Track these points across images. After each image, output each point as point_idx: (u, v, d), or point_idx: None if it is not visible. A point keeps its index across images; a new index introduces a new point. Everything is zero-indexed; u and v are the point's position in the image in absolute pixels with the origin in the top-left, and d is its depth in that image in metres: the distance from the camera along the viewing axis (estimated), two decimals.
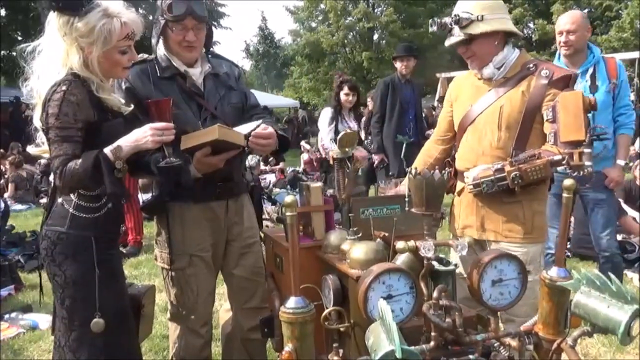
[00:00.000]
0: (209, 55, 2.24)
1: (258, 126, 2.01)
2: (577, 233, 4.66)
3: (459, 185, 2.28)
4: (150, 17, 2.08)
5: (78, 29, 1.74)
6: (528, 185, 2.03)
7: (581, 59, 3.22)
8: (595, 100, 2.05)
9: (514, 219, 2.12)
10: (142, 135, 1.77)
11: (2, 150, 9.09)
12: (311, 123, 17.48)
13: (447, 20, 2.16)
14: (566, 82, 2.09)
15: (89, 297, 1.78)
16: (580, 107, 1.98)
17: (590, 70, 3.18)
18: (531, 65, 2.14)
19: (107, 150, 1.74)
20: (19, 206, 7.86)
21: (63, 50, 1.78)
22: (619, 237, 4.51)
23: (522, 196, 2.08)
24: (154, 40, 2.08)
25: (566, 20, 3.22)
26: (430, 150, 2.41)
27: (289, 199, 1.35)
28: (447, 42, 2.21)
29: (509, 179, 1.98)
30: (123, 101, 1.92)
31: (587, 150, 1.97)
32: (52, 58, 1.78)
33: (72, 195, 1.80)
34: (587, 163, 1.98)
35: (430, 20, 2.24)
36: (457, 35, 2.15)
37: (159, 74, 2.08)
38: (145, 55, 2.09)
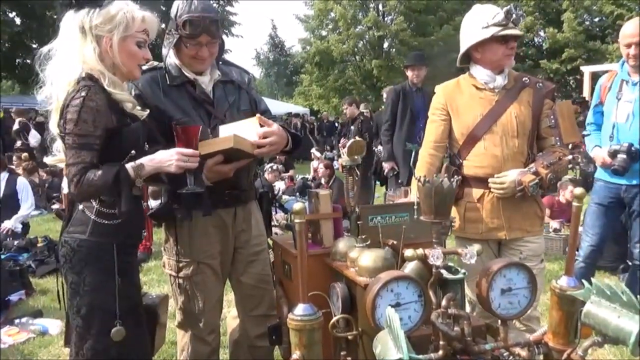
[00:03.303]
0: (219, 62, 2.25)
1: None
2: None
3: (476, 192, 2.33)
4: (163, 26, 2.08)
5: (98, 17, 1.74)
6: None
7: None
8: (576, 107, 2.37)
9: (533, 215, 2.35)
10: (168, 158, 1.77)
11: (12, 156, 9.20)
12: (322, 131, 17.52)
13: (514, 11, 2.24)
14: (553, 94, 2.41)
15: (107, 305, 1.77)
16: (573, 114, 2.34)
17: None
18: (525, 79, 2.36)
19: (129, 166, 1.73)
20: (31, 211, 7.92)
21: (78, 46, 1.77)
22: None
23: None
24: (164, 50, 2.10)
25: (633, 32, 3.10)
26: (431, 158, 2.41)
27: (297, 206, 1.36)
28: (508, 32, 2.24)
29: (545, 179, 2.18)
30: (136, 102, 1.92)
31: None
32: (66, 58, 1.77)
33: (93, 202, 1.78)
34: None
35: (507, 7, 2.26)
36: (512, 28, 2.25)
37: (168, 82, 2.09)
38: (155, 63, 2.11)
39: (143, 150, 1.83)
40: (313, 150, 12.48)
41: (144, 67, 2.03)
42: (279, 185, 9.67)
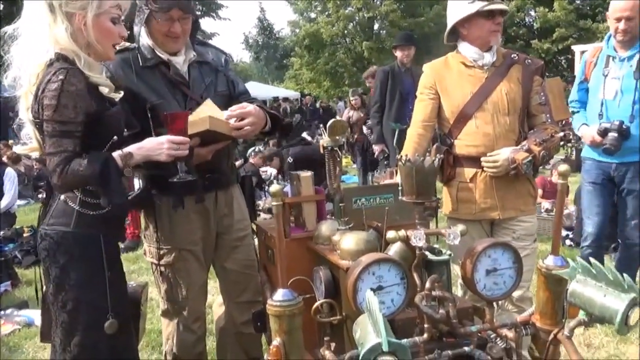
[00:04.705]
0: (195, 43, 2.17)
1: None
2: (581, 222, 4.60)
3: (468, 171, 2.29)
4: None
5: None
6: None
7: (631, 43, 3.11)
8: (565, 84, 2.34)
9: (526, 194, 2.33)
10: (157, 147, 1.70)
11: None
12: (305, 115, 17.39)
13: None
14: (542, 70, 2.34)
15: (96, 299, 1.70)
16: (562, 91, 2.41)
17: (638, 56, 3.07)
18: (514, 55, 2.32)
19: (117, 155, 1.66)
20: (17, 201, 7.83)
21: (47, 26, 1.66)
22: None
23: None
24: (136, 29, 2.01)
25: (624, 7, 3.05)
26: (419, 138, 2.36)
27: (274, 188, 1.31)
28: (494, 6, 2.19)
29: (538, 157, 2.15)
30: (113, 86, 1.84)
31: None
32: (35, 39, 1.67)
33: (76, 192, 1.70)
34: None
35: None
36: (498, 3, 2.20)
37: (141, 64, 2.01)
38: (127, 44, 2.03)
39: (124, 136, 1.77)
40: (304, 134, 12.38)
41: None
42: (271, 171, 9.60)
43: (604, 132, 3.06)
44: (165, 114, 1.76)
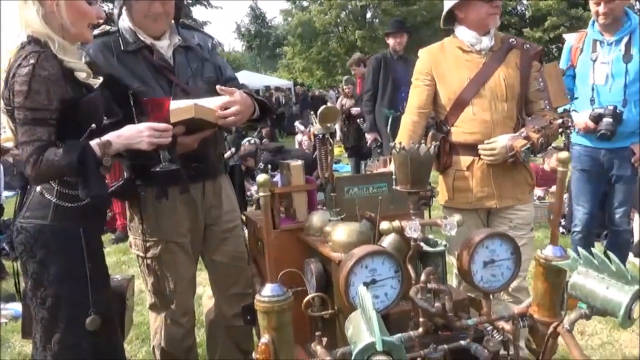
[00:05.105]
0: (179, 27, 2.08)
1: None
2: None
3: (465, 159, 2.23)
4: None
5: None
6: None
7: (617, 27, 3.04)
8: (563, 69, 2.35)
9: (523, 183, 2.27)
10: (137, 135, 1.62)
11: None
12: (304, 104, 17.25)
13: None
14: (540, 56, 2.29)
15: (77, 294, 1.64)
16: (560, 76, 2.27)
17: (625, 39, 3.01)
18: (512, 40, 2.26)
19: (94, 144, 1.57)
20: (5, 192, 7.70)
21: (17, 9, 1.57)
22: None
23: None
24: (116, 11, 1.92)
25: None
26: (414, 125, 2.30)
27: (261, 177, 1.24)
28: None
29: (537, 144, 2.10)
30: (90, 71, 1.76)
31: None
32: (4, 23, 1.62)
33: (52, 184, 1.63)
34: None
35: None
36: None
37: (123, 48, 1.93)
38: (107, 27, 1.94)
39: (103, 124, 1.69)
40: (297, 123, 12.30)
41: (95, 32, 1.86)
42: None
43: (597, 118, 3.00)
44: (145, 100, 1.69)
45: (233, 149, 8.04)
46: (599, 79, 3.08)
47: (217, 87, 1.91)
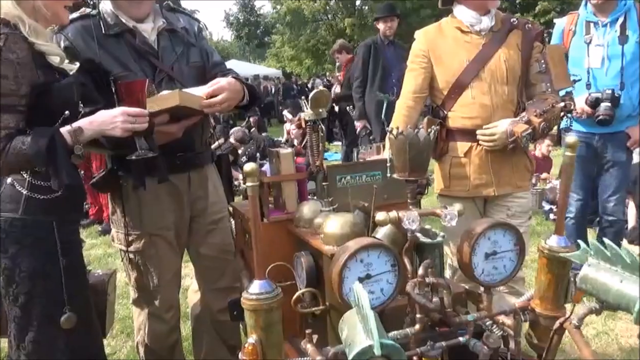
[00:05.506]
0: (164, 9, 1.97)
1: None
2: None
3: (463, 145, 2.15)
4: None
5: None
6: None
7: (611, 7, 2.96)
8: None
9: (522, 169, 2.20)
10: (110, 120, 1.52)
11: None
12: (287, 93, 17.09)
13: None
14: (542, 36, 2.20)
15: (51, 291, 1.55)
16: (563, 58, 2.21)
17: (621, 20, 2.94)
18: (513, 20, 2.17)
19: (65, 131, 1.47)
20: None
21: None
22: None
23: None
24: None
25: None
26: (409, 111, 2.21)
27: (248, 166, 1.15)
28: None
29: (538, 129, 2.01)
30: (65, 55, 1.64)
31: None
32: None
33: (24, 174, 1.53)
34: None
35: None
36: None
37: (104, 32, 1.82)
38: (87, 10, 1.83)
39: (77, 111, 1.58)
40: (285, 112, 12.14)
41: (74, 15, 1.76)
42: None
43: (595, 103, 2.93)
44: (120, 83, 1.59)
45: (222, 140, 7.93)
46: (594, 62, 3.00)
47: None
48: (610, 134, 3.04)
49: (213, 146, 2.24)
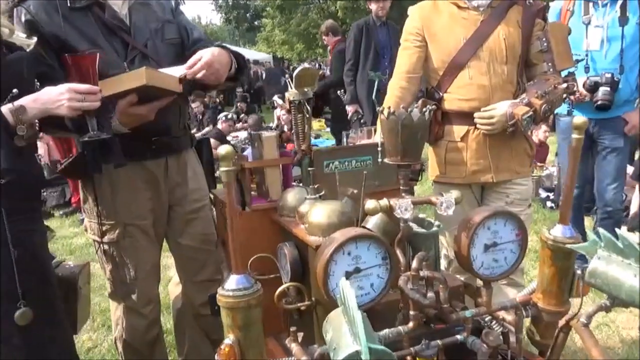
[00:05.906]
0: None
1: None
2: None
3: (459, 129, 2.03)
4: None
5: None
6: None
7: None
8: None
9: (522, 153, 2.09)
10: (56, 98, 1.39)
11: None
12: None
13: None
14: (544, 12, 2.10)
15: (2, 284, 1.42)
16: (566, 36, 2.06)
17: (621, 1, 2.82)
18: None
19: (5, 109, 1.34)
20: None
21: None
22: None
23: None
24: None
25: None
26: (402, 92, 2.09)
27: (223, 149, 1.02)
28: None
29: (539, 112, 1.90)
30: (21, 32, 1.50)
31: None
32: None
33: None
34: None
35: None
36: None
37: (69, 5, 1.67)
38: None
39: (31, 90, 1.44)
40: (275, 97, 11.96)
41: None
42: (242, 136, 9.25)
43: (594, 87, 2.82)
44: (65, 56, 1.43)
45: (210, 126, 7.77)
46: (593, 44, 2.89)
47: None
48: (606, 119, 2.94)
49: (200, 133, 2.10)
